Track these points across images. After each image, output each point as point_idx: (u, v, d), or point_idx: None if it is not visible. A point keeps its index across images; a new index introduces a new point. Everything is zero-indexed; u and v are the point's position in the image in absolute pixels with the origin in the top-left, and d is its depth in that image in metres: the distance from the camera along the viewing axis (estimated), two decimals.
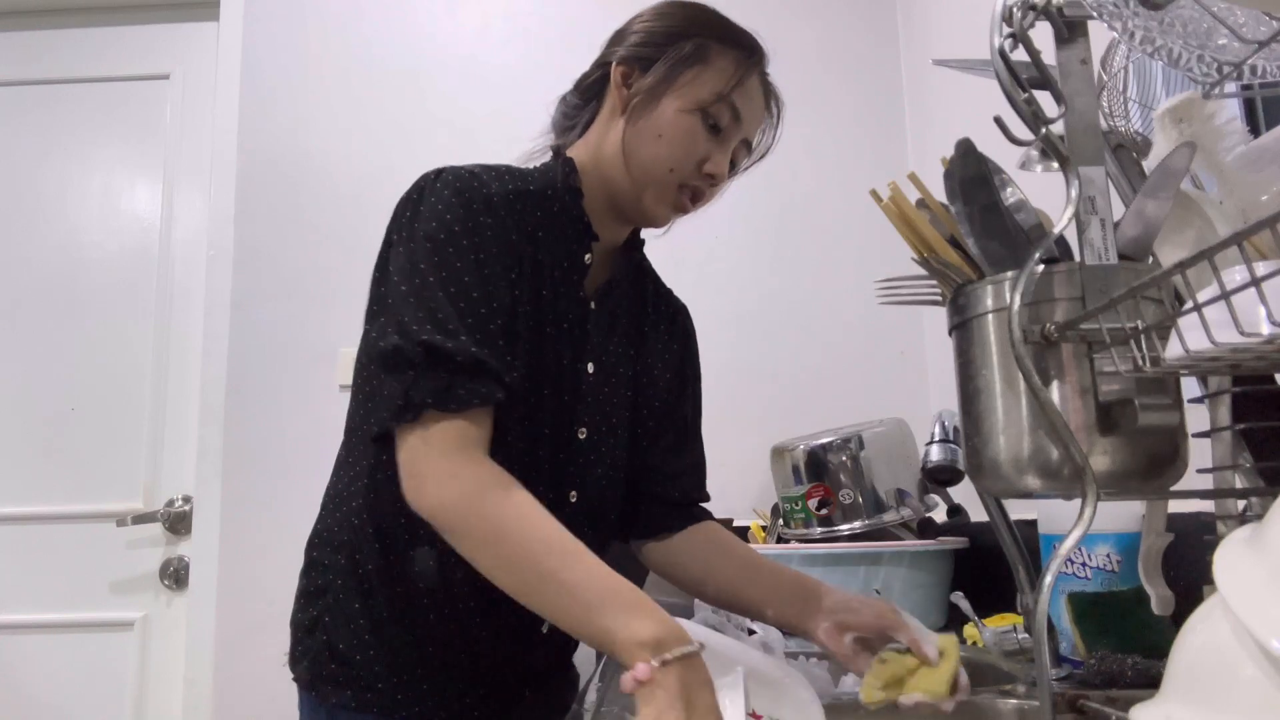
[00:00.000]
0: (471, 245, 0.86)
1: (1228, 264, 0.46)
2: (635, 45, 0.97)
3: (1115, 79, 0.89)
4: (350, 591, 0.93)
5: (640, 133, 0.94)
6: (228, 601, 2.01)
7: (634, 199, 0.96)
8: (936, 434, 1.51)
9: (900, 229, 0.76)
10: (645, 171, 0.94)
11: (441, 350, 0.81)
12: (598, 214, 0.98)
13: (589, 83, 1.02)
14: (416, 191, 0.90)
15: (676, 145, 0.94)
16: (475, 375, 0.82)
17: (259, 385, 2.10)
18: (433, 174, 0.91)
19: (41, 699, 2.03)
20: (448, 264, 0.85)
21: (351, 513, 0.95)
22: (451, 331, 0.82)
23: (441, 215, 0.87)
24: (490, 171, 0.93)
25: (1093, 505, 0.56)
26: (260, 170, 2.19)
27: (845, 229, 2.12)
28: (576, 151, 1.00)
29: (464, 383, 0.81)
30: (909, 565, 1.45)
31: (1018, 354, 0.58)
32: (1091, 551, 1.08)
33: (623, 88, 0.96)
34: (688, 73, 0.94)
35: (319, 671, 0.93)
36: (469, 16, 2.27)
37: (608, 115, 0.98)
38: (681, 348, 1.12)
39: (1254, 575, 0.41)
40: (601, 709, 0.94)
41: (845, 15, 2.24)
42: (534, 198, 0.94)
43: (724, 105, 0.94)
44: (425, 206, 0.88)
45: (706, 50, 0.95)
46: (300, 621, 0.97)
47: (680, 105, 0.93)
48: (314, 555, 0.98)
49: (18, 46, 2.31)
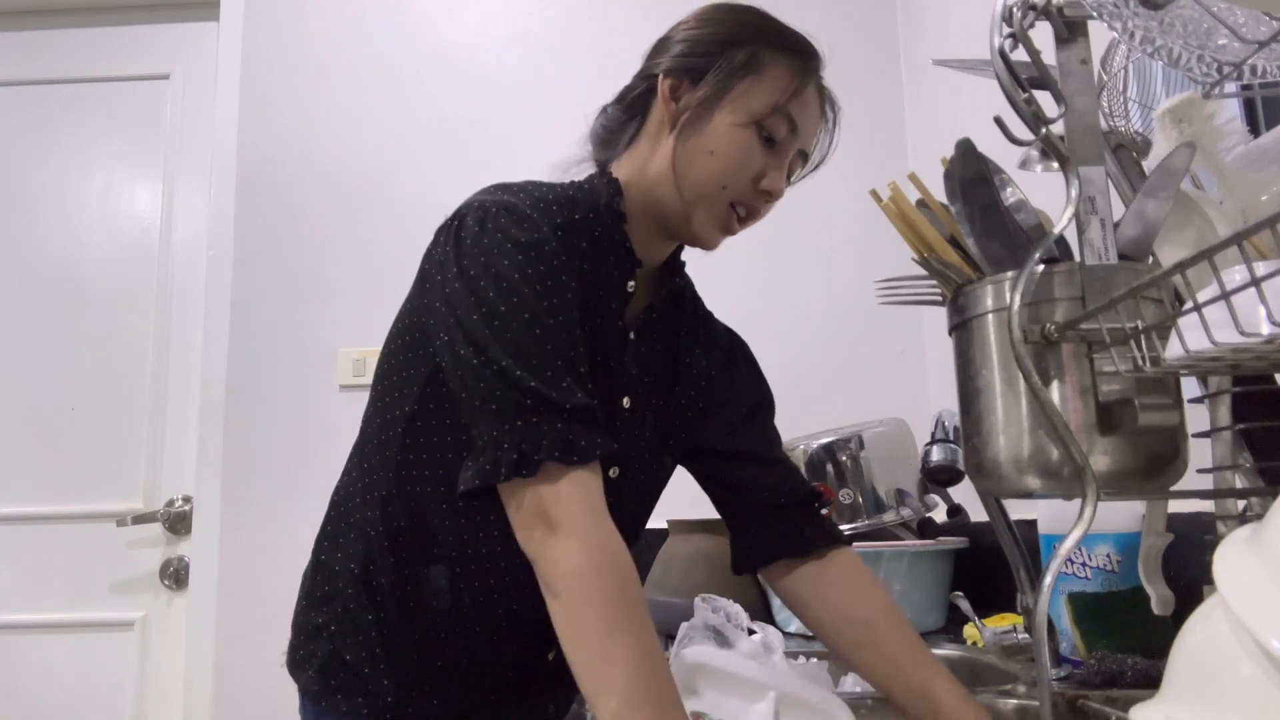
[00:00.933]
0: (545, 288, 0.80)
1: (1228, 264, 0.46)
2: (683, 55, 0.91)
3: (1115, 79, 0.89)
4: (361, 602, 0.90)
5: (691, 149, 0.88)
6: (228, 601, 2.01)
7: (683, 219, 0.90)
8: (936, 434, 1.51)
9: (900, 229, 0.76)
10: (696, 189, 0.88)
11: (551, 400, 0.75)
12: (641, 236, 0.93)
13: (634, 96, 0.95)
14: (458, 231, 0.83)
15: (731, 161, 0.87)
16: (588, 424, 0.76)
17: (259, 385, 2.10)
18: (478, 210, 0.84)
19: (41, 699, 2.03)
20: (528, 304, 0.78)
21: (366, 521, 0.91)
22: (553, 379, 0.76)
23: (512, 253, 0.80)
24: (537, 204, 0.86)
25: (1093, 505, 0.56)
26: (260, 170, 2.19)
27: (845, 229, 2.12)
28: (620, 169, 0.94)
29: (582, 433, 0.75)
30: (909, 565, 1.45)
31: (1018, 354, 0.58)
32: (1091, 551, 1.08)
33: (671, 101, 0.90)
34: (741, 84, 0.88)
35: (326, 681, 0.90)
36: (469, 17, 2.27)
37: (655, 130, 0.92)
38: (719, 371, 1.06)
39: (1254, 575, 0.41)
40: None
41: (845, 15, 2.25)
42: (580, 226, 0.88)
43: (780, 117, 0.88)
44: (488, 240, 0.81)
45: (760, 59, 0.89)
46: (304, 625, 0.94)
47: (734, 119, 0.87)
48: (322, 558, 0.95)
49: (18, 46, 2.31)
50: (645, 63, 0.96)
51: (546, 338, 0.78)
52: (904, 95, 2.22)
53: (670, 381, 1.00)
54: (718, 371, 1.06)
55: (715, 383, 1.05)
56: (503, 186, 0.89)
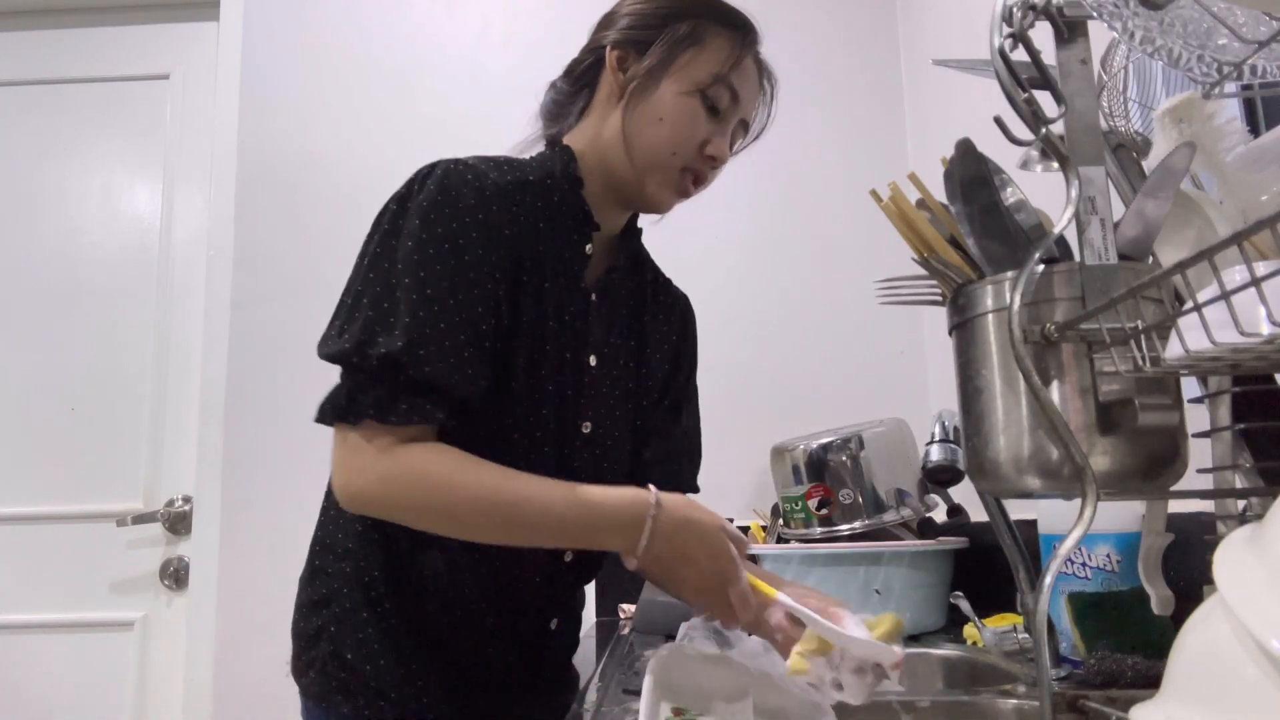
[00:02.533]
0: (454, 248, 0.84)
1: (1228, 264, 0.46)
2: (629, 29, 0.96)
3: (1115, 79, 0.89)
4: (357, 600, 0.92)
5: (640, 117, 0.93)
6: (228, 601, 2.01)
7: (637, 184, 0.95)
8: (936, 434, 1.51)
9: (900, 229, 0.76)
10: (647, 156, 0.93)
11: (396, 364, 0.80)
12: (597, 202, 0.97)
13: (581, 69, 1.01)
14: (407, 186, 0.89)
15: (678, 128, 0.93)
16: (423, 393, 0.81)
17: (259, 385, 2.10)
18: (427, 168, 0.89)
19: (41, 699, 2.03)
20: (426, 266, 0.83)
21: (355, 519, 0.93)
22: (411, 344, 0.80)
23: (426, 214, 0.85)
24: (488, 162, 0.92)
25: (1093, 505, 0.56)
26: (260, 170, 2.19)
27: (845, 229, 2.12)
28: (573, 139, 0.99)
29: (409, 398, 0.81)
30: (909, 565, 1.45)
31: (1018, 354, 0.58)
32: (1091, 551, 1.08)
33: (619, 72, 0.95)
34: (685, 54, 0.93)
35: (328, 683, 0.91)
36: (469, 17, 2.27)
37: (604, 101, 0.97)
38: (679, 337, 1.11)
39: (1254, 575, 0.41)
40: (601, 709, 0.94)
41: (845, 15, 2.24)
42: (533, 188, 0.93)
43: (722, 86, 0.94)
44: (412, 203, 0.86)
45: (702, 31, 0.94)
46: (304, 631, 0.95)
47: (679, 88, 0.93)
48: (316, 564, 0.97)
49: (18, 46, 2.31)
50: (592, 36, 1.01)
51: (433, 301, 0.82)
52: (904, 95, 2.22)
53: (639, 342, 1.04)
54: (674, 335, 1.10)
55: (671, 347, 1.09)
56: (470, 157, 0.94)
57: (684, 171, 0.95)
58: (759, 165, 2.10)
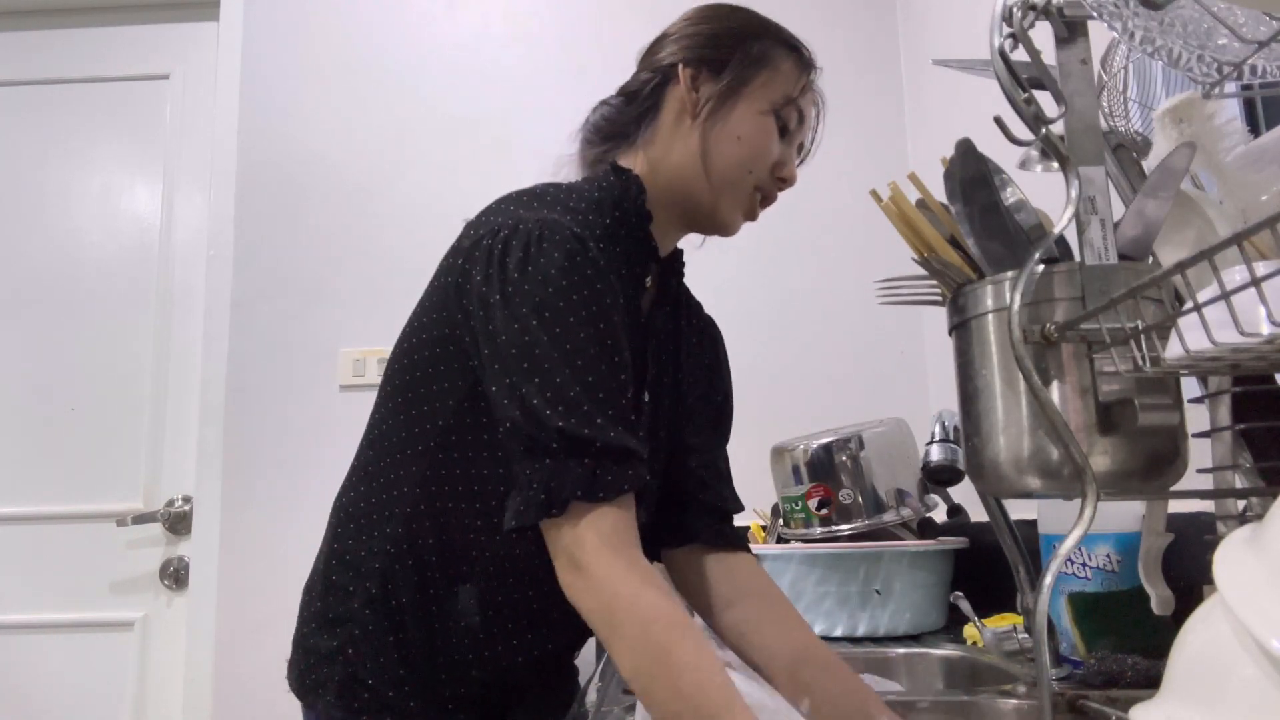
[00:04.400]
0: (590, 315, 0.78)
1: (1228, 264, 0.46)
2: (699, 48, 0.94)
3: (1115, 79, 0.89)
4: (381, 625, 0.87)
5: (719, 135, 0.91)
6: (228, 601, 2.01)
7: (710, 205, 0.93)
8: (936, 434, 1.51)
9: (900, 229, 0.76)
10: (724, 175, 0.92)
11: (579, 438, 0.74)
12: (660, 229, 0.94)
13: (646, 89, 0.96)
14: (520, 248, 0.80)
15: (755, 147, 0.92)
16: (619, 460, 0.76)
17: (259, 385, 2.10)
18: (535, 228, 0.80)
19: (41, 699, 2.03)
20: (570, 336, 0.77)
21: (387, 539, 0.88)
22: (586, 414, 0.75)
23: (557, 281, 0.78)
24: (578, 219, 0.85)
25: (1093, 505, 0.56)
26: (260, 170, 2.19)
27: (845, 229, 2.12)
28: (634, 162, 0.95)
29: (609, 468, 0.75)
30: (909, 565, 1.45)
31: (1018, 354, 0.58)
32: (1091, 551, 1.08)
33: (692, 91, 0.92)
34: (760, 75, 0.93)
35: (349, 704, 0.87)
36: (469, 17, 2.27)
37: (673, 121, 0.93)
38: (712, 361, 1.08)
39: (1254, 575, 0.41)
40: (601, 709, 0.94)
41: (845, 15, 2.25)
42: (613, 231, 0.89)
43: (793, 108, 0.94)
44: (533, 267, 0.78)
45: (772, 53, 0.94)
46: (316, 648, 0.90)
47: (757, 107, 0.92)
48: (334, 579, 0.91)
49: (18, 46, 2.31)
50: (647, 58, 0.98)
51: (584, 373, 0.76)
52: (904, 95, 2.22)
53: (676, 373, 1.02)
54: (709, 360, 1.08)
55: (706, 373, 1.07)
56: (533, 196, 0.88)
57: (755, 191, 0.94)
58: None
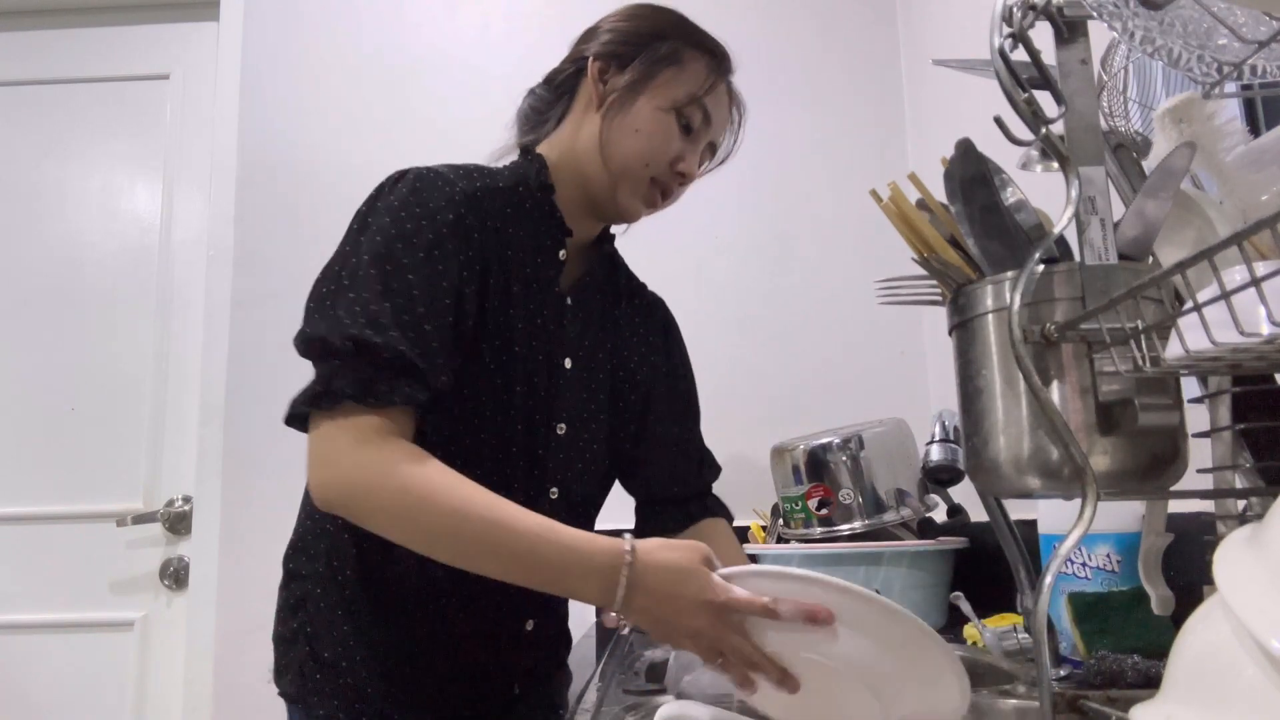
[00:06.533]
0: (423, 244, 0.85)
1: (1228, 264, 0.45)
2: (612, 43, 0.99)
3: (1115, 79, 0.89)
4: (331, 599, 0.93)
5: (617, 127, 0.96)
6: (228, 601, 2.01)
7: (609, 192, 0.98)
8: (936, 434, 1.51)
9: (900, 229, 0.76)
10: (621, 164, 0.96)
11: (369, 345, 0.80)
12: (570, 209, 1.00)
13: (561, 78, 1.03)
14: (378, 189, 0.91)
15: (653, 141, 0.96)
16: (400, 373, 0.80)
17: (259, 385, 2.10)
18: (397, 174, 0.92)
19: (41, 699, 2.03)
20: (393, 260, 0.84)
21: (326, 519, 0.94)
22: (383, 327, 0.80)
23: (396, 212, 0.86)
24: (457, 170, 0.94)
25: (1093, 505, 0.56)
26: (260, 170, 2.19)
27: (845, 229, 2.12)
28: (548, 147, 1.02)
29: (387, 379, 0.80)
30: (909, 565, 1.45)
31: (1018, 354, 0.58)
32: (1091, 551, 1.08)
33: (599, 83, 0.98)
34: (664, 73, 0.97)
35: (305, 684, 0.91)
36: (469, 18, 2.27)
37: (582, 110, 1.00)
38: (663, 339, 1.12)
39: (1254, 575, 0.41)
40: (601, 709, 0.94)
41: (845, 15, 2.24)
42: (503, 194, 0.95)
43: (696, 107, 0.97)
44: (382, 203, 0.88)
45: (681, 53, 0.98)
46: (282, 635, 0.96)
47: (657, 103, 0.96)
48: (290, 567, 0.98)
49: (18, 46, 2.31)
50: (574, 48, 1.04)
51: (396, 296, 0.82)
52: (904, 95, 2.21)
53: (613, 343, 1.06)
54: (656, 338, 1.11)
55: (654, 350, 1.10)
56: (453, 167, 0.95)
57: (653, 183, 0.98)
58: (759, 165, 2.11)
